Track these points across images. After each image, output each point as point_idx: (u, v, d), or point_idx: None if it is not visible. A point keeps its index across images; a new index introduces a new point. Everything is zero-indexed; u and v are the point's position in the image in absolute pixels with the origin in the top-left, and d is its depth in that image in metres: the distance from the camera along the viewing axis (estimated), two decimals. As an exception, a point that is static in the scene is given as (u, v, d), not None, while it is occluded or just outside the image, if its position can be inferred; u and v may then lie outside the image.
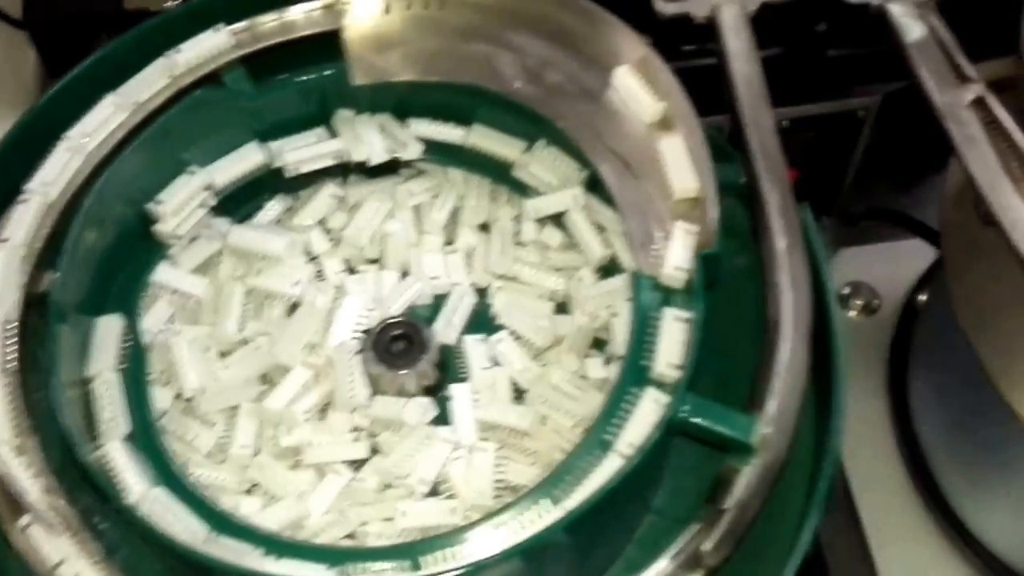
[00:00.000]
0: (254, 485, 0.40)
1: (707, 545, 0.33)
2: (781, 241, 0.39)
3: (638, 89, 0.41)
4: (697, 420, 0.34)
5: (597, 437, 0.34)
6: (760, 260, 0.39)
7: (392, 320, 0.41)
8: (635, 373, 0.35)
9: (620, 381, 0.35)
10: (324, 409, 0.41)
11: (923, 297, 0.64)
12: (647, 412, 0.34)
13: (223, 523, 0.36)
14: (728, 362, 0.39)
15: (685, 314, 0.36)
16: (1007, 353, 0.45)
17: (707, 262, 0.36)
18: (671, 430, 0.34)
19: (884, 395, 0.62)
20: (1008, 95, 0.44)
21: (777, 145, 0.42)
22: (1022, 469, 0.52)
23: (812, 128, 0.64)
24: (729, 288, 0.40)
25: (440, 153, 0.46)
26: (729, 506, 0.33)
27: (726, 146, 0.43)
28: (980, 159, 0.42)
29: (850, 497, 0.60)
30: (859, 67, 0.59)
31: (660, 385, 0.35)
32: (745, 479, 0.34)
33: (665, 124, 0.41)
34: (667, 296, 0.37)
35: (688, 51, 0.55)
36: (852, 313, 0.66)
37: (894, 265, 0.67)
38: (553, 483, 0.33)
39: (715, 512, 0.34)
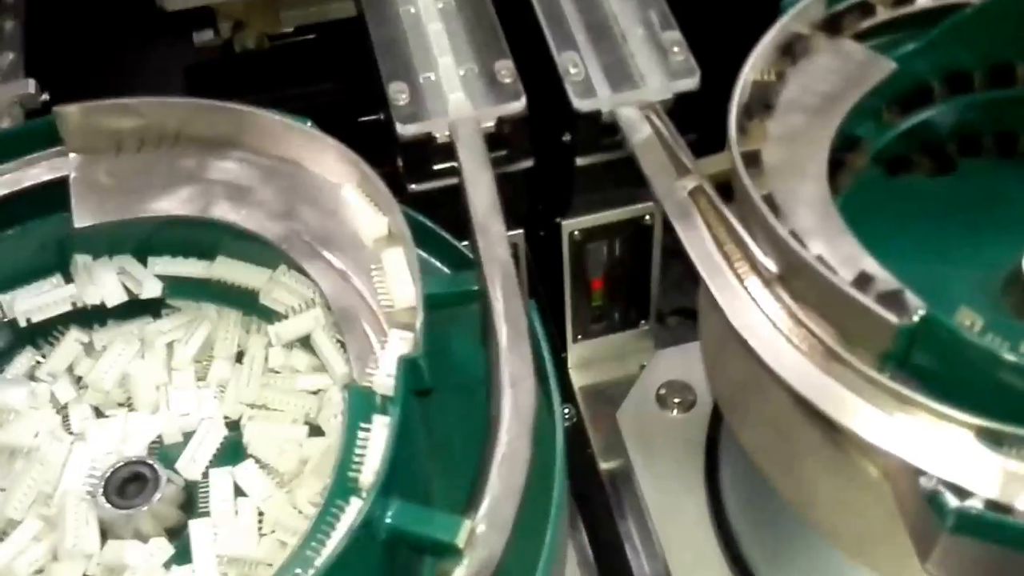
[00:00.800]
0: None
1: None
2: (503, 340, 0.40)
3: (360, 207, 0.42)
4: (396, 524, 0.33)
5: (301, 554, 0.33)
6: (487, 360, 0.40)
7: (125, 462, 0.40)
8: (342, 485, 0.35)
9: (329, 495, 0.35)
10: (55, 559, 0.39)
11: (729, 389, 0.65)
12: (349, 522, 0.33)
13: None
14: (469, 466, 0.38)
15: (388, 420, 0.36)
16: (754, 428, 0.45)
17: (408, 366, 0.37)
18: (372, 536, 0.33)
19: (703, 488, 0.62)
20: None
21: (507, 250, 0.43)
22: (818, 546, 0.52)
23: (604, 237, 0.65)
24: (476, 393, 0.40)
25: (189, 289, 0.46)
26: (440, 611, 0.33)
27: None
28: (698, 244, 0.43)
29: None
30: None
31: (365, 494, 0.34)
32: (456, 582, 0.33)
33: (386, 240, 0.42)
34: (381, 404, 0.37)
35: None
36: (671, 412, 0.67)
37: (706, 361, 0.68)
38: (257, 608, 0.32)
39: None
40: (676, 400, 0.67)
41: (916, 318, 0.35)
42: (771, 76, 0.47)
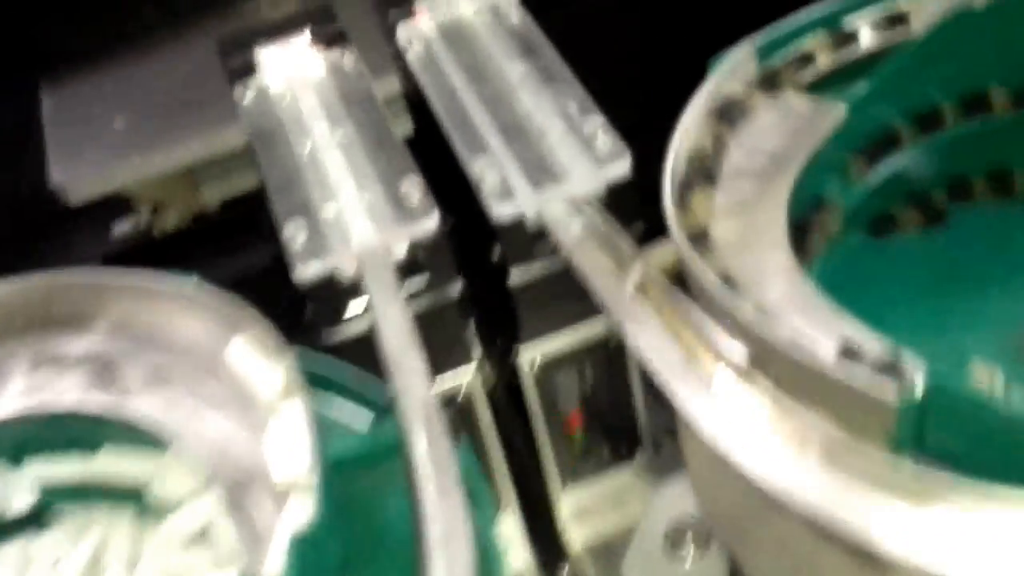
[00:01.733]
0: None
1: None
2: (429, 488, 0.32)
3: (249, 360, 0.36)
4: None
5: None
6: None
7: None
8: None
9: None
10: None
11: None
12: None
13: None
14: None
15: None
16: (763, 559, 0.37)
17: (297, 546, 0.29)
18: None
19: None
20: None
21: (426, 387, 0.36)
22: None
23: (571, 362, 0.58)
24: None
25: (71, 492, 0.39)
26: None
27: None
28: (651, 343, 0.36)
29: None
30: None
31: None
32: None
33: (280, 393, 0.35)
34: (278, 596, 0.29)
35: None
36: (684, 554, 0.58)
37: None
38: None
39: None
40: (688, 540, 0.58)
41: (919, 388, 0.28)
42: (708, 144, 0.41)
